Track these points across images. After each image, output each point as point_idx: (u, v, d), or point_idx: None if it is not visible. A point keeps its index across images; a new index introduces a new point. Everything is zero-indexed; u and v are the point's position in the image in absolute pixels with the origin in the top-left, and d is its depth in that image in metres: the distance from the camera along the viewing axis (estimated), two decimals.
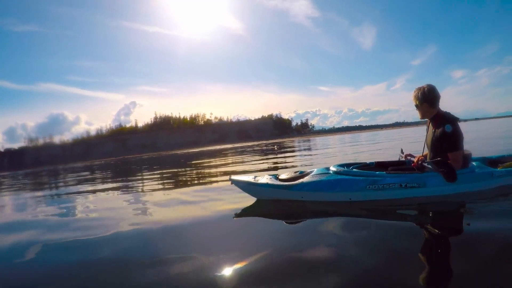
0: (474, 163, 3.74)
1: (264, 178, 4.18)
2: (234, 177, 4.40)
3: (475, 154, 4.09)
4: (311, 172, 4.05)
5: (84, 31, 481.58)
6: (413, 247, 2.38)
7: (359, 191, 3.58)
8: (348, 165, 4.18)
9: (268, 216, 3.74)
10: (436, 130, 3.48)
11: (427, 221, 3.01)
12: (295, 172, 4.23)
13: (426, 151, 3.75)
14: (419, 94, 3.54)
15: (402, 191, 3.45)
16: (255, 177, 4.31)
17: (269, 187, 4.00)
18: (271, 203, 4.09)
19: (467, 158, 3.57)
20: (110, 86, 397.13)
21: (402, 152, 4.21)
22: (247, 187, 4.25)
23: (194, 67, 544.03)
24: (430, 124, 3.66)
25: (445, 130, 3.36)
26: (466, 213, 3.12)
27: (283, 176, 4.18)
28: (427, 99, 3.52)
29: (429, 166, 3.35)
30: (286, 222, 3.41)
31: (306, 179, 3.87)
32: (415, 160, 3.65)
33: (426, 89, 3.52)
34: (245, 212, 3.96)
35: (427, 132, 3.73)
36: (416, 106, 3.63)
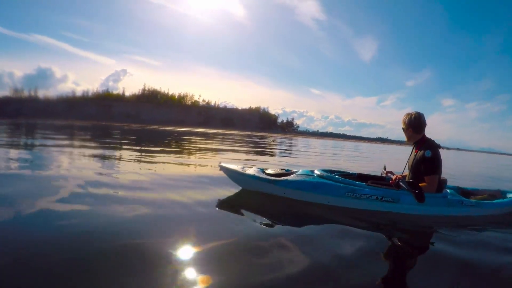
0: (448, 190, 4.01)
1: (252, 170, 4.36)
2: (223, 164, 4.58)
3: (451, 182, 4.38)
4: (297, 171, 4.25)
5: None
6: (375, 260, 2.54)
7: (338, 196, 3.80)
8: (331, 171, 4.40)
9: (248, 205, 3.95)
10: (418, 153, 3.76)
11: (395, 237, 3.23)
12: (282, 169, 4.44)
13: (407, 172, 4.02)
14: (407, 119, 3.83)
15: (377, 203, 3.70)
16: (243, 167, 4.50)
17: (255, 179, 4.17)
18: (254, 194, 4.27)
19: (442, 183, 3.83)
20: (104, 50, 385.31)
21: (384, 168, 4.48)
22: (235, 175, 4.43)
23: (191, 47, 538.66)
24: (414, 147, 3.94)
25: (425, 155, 3.63)
26: (432, 236, 3.35)
27: (270, 171, 4.37)
28: (413, 125, 3.81)
29: (404, 185, 3.62)
30: (263, 216, 3.54)
31: (291, 177, 4.06)
32: (393, 178, 3.93)
33: (413, 116, 3.80)
34: (228, 200, 4.14)
35: (410, 154, 4.00)
36: (403, 129, 3.92)
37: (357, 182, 3.90)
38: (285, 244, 2.70)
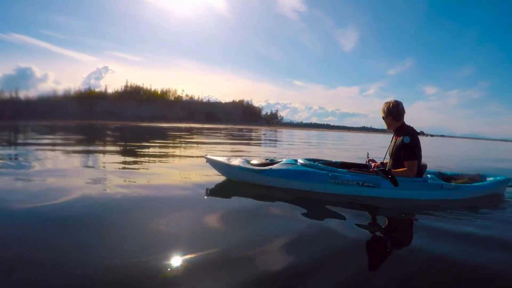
0: (428, 175, 4.15)
1: (237, 161, 4.45)
2: (209, 156, 4.64)
3: (433, 168, 4.47)
4: (280, 161, 4.35)
5: None
6: (354, 243, 2.56)
7: (320, 183, 3.92)
8: (314, 160, 4.52)
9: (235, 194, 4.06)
10: (398, 140, 3.89)
11: (375, 221, 3.33)
12: (266, 159, 4.54)
13: (388, 158, 4.13)
14: (386, 108, 3.97)
15: (358, 188, 3.83)
16: (229, 158, 4.58)
17: (241, 170, 4.26)
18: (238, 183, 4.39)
19: (422, 168, 3.98)
20: (84, 47, 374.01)
21: (367, 156, 4.62)
22: (221, 167, 4.51)
23: (173, 41, 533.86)
24: (394, 134, 4.07)
25: (404, 141, 3.77)
26: (411, 221, 3.42)
27: (254, 161, 4.46)
28: (392, 113, 3.94)
29: (379, 172, 3.75)
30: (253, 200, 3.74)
31: (275, 166, 4.17)
32: (373, 165, 4.07)
33: (392, 104, 3.93)
34: (216, 188, 4.24)
35: (391, 142, 4.12)
36: (383, 117, 4.04)
37: (339, 169, 4.03)
38: (263, 215, 3.16)
